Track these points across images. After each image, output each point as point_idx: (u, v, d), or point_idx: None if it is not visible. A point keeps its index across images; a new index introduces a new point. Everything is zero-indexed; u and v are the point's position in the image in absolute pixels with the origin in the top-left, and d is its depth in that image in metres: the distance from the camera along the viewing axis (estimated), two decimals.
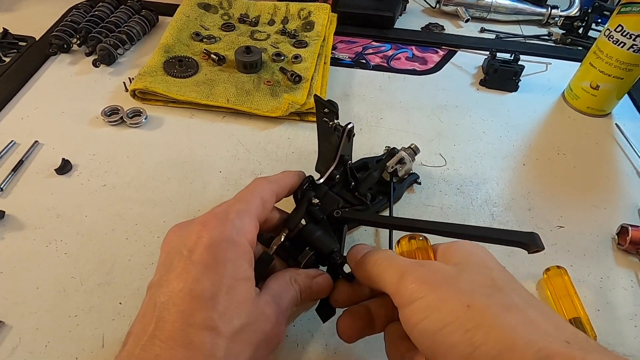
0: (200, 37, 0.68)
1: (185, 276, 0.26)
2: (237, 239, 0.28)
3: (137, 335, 0.26)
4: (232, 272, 0.27)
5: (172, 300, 0.26)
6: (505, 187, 0.53)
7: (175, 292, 0.26)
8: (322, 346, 0.38)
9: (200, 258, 0.27)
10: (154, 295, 0.27)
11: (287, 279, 0.32)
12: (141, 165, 0.52)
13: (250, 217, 0.30)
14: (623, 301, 0.43)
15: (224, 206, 0.31)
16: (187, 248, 0.28)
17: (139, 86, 0.57)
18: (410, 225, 0.38)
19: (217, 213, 0.30)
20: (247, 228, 0.29)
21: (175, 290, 0.26)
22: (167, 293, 0.26)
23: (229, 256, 0.27)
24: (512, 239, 0.34)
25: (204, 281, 0.26)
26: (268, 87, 0.60)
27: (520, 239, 0.34)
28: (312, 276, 0.34)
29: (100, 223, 0.46)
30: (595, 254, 0.47)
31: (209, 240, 0.27)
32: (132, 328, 0.27)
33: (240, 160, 0.53)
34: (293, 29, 0.72)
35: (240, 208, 0.30)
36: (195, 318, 0.25)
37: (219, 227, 0.28)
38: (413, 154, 0.49)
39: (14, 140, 0.53)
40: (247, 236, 0.29)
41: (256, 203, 0.32)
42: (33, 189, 0.48)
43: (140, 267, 0.42)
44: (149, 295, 0.28)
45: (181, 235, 0.29)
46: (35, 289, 0.40)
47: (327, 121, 0.41)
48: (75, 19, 0.67)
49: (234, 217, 0.29)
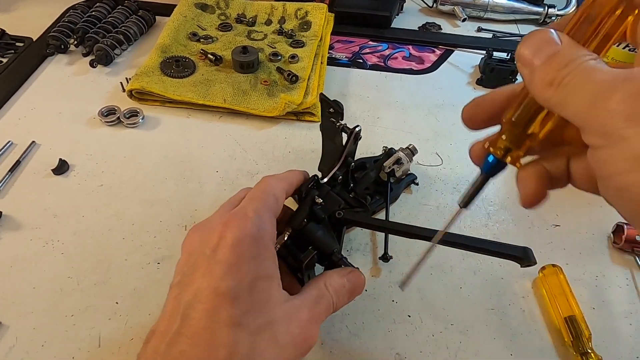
0: (197, 37, 0.68)
1: (210, 275, 0.27)
2: (259, 236, 0.28)
3: (162, 333, 0.26)
4: (256, 270, 0.27)
5: (198, 298, 0.26)
6: (501, 186, 0.53)
7: (201, 290, 0.26)
8: (318, 345, 0.38)
9: (224, 257, 0.27)
10: (178, 295, 0.27)
11: (322, 285, 0.32)
12: (138, 165, 0.52)
13: (268, 215, 0.30)
14: (618, 299, 0.43)
15: (241, 206, 0.31)
16: (210, 248, 0.28)
17: (136, 86, 0.57)
18: (408, 231, 0.38)
19: (237, 212, 0.30)
20: (267, 225, 0.30)
21: (201, 288, 0.26)
22: (192, 292, 0.27)
23: (253, 254, 0.28)
24: (506, 252, 0.35)
25: (228, 280, 0.26)
26: (265, 87, 0.60)
27: (514, 252, 0.35)
28: (343, 274, 0.34)
29: (97, 223, 0.46)
30: (591, 253, 0.47)
31: (232, 239, 0.28)
32: (156, 326, 0.28)
33: (237, 160, 0.53)
34: (290, 28, 0.72)
35: (257, 206, 0.30)
36: (220, 315, 0.25)
37: (240, 225, 0.28)
38: (411, 155, 0.50)
39: (11, 141, 0.53)
40: (268, 233, 0.29)
41: (270, 201, 0.32)
42: (30, 189, 0.48)
43: (136, 267, 0.42)
44: (173, 295, 0.28)
45: (203, 236, 0.30)
46: (32, 288, 0.40)
47: (333, 121, 0.41)
48: (73, 19, 0.68)
49: (252, 216, 0.29)
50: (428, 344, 0.39)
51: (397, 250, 0.45)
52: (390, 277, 0.43)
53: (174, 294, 0.28)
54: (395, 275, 0.44)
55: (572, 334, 0.38)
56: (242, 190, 0.36)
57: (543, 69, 0.20)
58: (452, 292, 0.43)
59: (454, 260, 0.45)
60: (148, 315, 0.39)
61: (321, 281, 0.32)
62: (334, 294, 0.32)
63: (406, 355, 0.38)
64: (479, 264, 0.45)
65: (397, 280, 0.43)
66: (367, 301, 0.41)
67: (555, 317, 0.41)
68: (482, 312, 0.42)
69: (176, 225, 0.46)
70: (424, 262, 0.32)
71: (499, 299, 0.43)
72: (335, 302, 0.32)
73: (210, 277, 0.27)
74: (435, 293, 0.43)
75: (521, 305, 0.42)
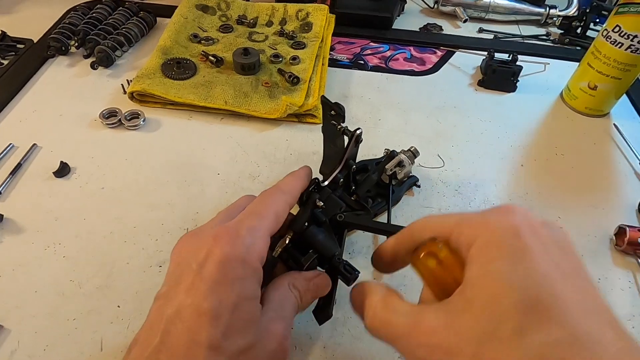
0: (198, 38, 0.68)
1: (193, 292, 0.26)
2: (248, 258, 0.28)
3: (142, 345, 0.26)
4: (240, 291, 0.27)
5: (179, 315, 0.26)
6: (503, 188, 0.53)
7: (183, 307, 0.26)
8: (321, 349, 0.38)
9: (210, 274, 0.27)
10: (161, 306, 0.27)
11: (286, 285, 0.32)
12: (139, 167, 0.52)
13: (262, 235, 0.30)
14: (621, 302, 0.43)
15: (237, 220, 0.30)
16: (197, 262, 0.27)
17: (137, 88, 0.57)
18: None
19: (229, 228, 0.29)
20: (258, 246, 0.29)
21: (184, 305, 0.26)
22: (174, 306, 0.26)
23: (239, 275, 0.27)
24: None
25: (212, 299, 0.26)
26: (266, 89, 0.60)
27: None
28: (309, 278, 0.34)
29: (98, 226, 0.46)
30: (593, 255, 0.47)
31: (219, 257, 0.27)
32: (138, 336, 0.27)
33: (238, 163, 0.53)
34: (291, 30, 0.72)
35: (253, 225, 0.30)
36: (200, 336, 0.25)
37: (230, 243, 0.28)
38: (413, 157, 0.49)
39: (12, 143, 0.53)
40: (258, 254, 0.29)
41: (270, 219, 0.31)
42: (31, 192, 0.48)
43: (139, 271, 0.42)
44: (157, 305, 0.28)
45: (192, 247, 0.29)
46: (34, 292, 0.40)
47: (334, 124, 0.41)
48: (73, 21, 0.67)
49: (245, 234, 0.29)
50: None
51: None
52: (392, 280, 0.43)
53: (158, 305, 0.28)
54: (398, 278, 0.44)
55: None
56: (243, 198, 0.35)
57: None
58: None
59: None
60: None
61: (285, 281, 0.32)
62: (298, 296, 0.32)
63: None
64: None
65: (399, 283, 0.43)
66: None
67: None
68: None
69: (178, 228, 0.46)
70: None
71: None
72: (299, 303, 0.32)
73: (194, 294, 0.26)
74: None
75: None
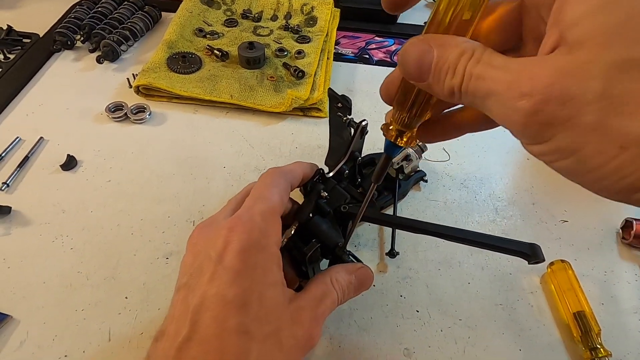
0: (203, 33, 0.68)
1: (217, 282, 0.27)
2: (265, 243, 0.28)
3: (172, 336, 0.26)
4: (262, 277, 0.27)
5: (206, 304, 0.26)
6: (509, 182, 0.53)
7: (208, 297, 0.26)
8: (327, 339, 0.38)
9: (231, 264, 0.27)
10: (186, 297, 0.27)
11: (328, 280, 0.32)
12: (145, 161, 0.52)
13: (274, 218, 0.30)
14: (627, 295, 0.43)
15: (247, 207, 0.30)
16: (216, 252, 0.28)
17: (143, 82, 0.57)
18: (414, 226, 0.38)
19: (242, 216, 0.29)
20: (273, 230, 0.29)
21: (208, 295, 0.26)
22: (199, 296, 0.27)
23: (259, 261, 0.28)
24: (513, 248, 0.35)
25: (236, 287, 0.26)
26: (271, 83, 0.60)
27: (521, 249, 0.35)
28: (352, 271, 0.34)
29: (105, 218, 0.46)
30: (600, 248, 0.47)
31: (238, 246, 0.27)
32: (164, 327, 0.28)
33: (244, 156, 0.54)
34: (296, 24, 0.72)
35: (263, 208, 0.30)
36: (228, 323, 0.26)
37: (247, 231, 0.28)
38: (420, 152, 0.49)
39: (19, 137, 0.53)
40: (274, 238, 0.29)
41: (276, 199, 0.31)
42: (39, 185, 0.49)
43: (145, 262, 0.43)
44: (181, 297, 0.28)
45: (208, 238, 0.29)
46: (42, 283, 0.41)
47: (340, 116, 0.41)
48: (79, 15, 0.68)
49: (259, 220, 0.29)
50: (436, 339, 0.39)
51: (405, 246, 0.45)
52: (398, 272, 0.43)
53: (181, 297, 0.28)
54: (403, 270, 0.44)
55: (581, 329, 0.38)
56: (249, 185, 0.35)
57: (436, 85, 0.21)
58: (460, 288, 0.43)
59: (461, 256, 0.45)
60: (157, 310, 0.39)
61: (327, 276, 0.32)
62: (340, 290, 0.32)
63: (415, 350, 0.38)
64: (486, 260, 0.45)
65: (404, 276, 0.43)
66: (375, 296, 0.42)
67: (564, 313, 0.41)
68: (491, 308, 0.41)
69: (184, 220, 0.46)
70: None
71: (507, 294, 0.43)
72: (340, 298, 0.32)
73: (218, 284, 0.27)
74: (443, 289, 0.43)
75: (530, 301, 0.42)
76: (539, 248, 0.35)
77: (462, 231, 0.37)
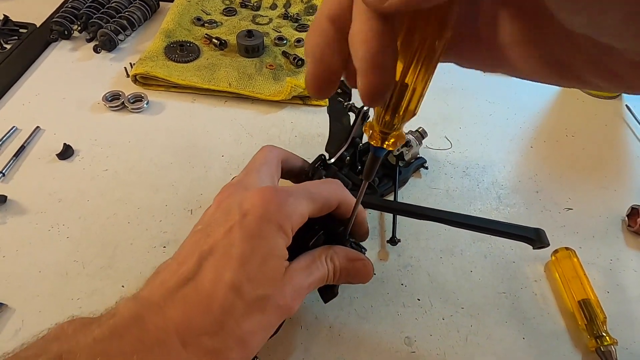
0: (201, 21, 0.67)
1: (231, 235, 0.28)
2: (284, 225, 0.29)
3: (174, 271, 0.28)
4: (272, 247, 0.28)
5: (212, 252, 0.28)
6: (512, 170, 0.52)
7: (218, 246, 0.28)
8: (327, 328, 0.38)
9: (249, 225, 0.28)
10: (199, 241, 0.29)
11: (322, 256, 0.32)
12: (143, 150, 0.51)
13: (303, 215, 0.30)
14: (633, 283, 0.42)
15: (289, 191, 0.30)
16: (241, 211, 0.29)
17: (140, 71, 0.57)
18: (416, 212, 0.37)
19: (280, 194, 0.30)
20: (295, 221, 0.30)
21: (219, 244, 0.28)
22: (211, 244, 0.28)
23: (272, 234, 0.28)
24: (518, 233, 0.34)
25: (245, 246, 0.27)
26: (270, 71, 0.59)
27: (526, 234, 0.34)
28: (352, 259, 0.33)
29: (102, 207, 0.45)
30: (605, 236, 0.46)
31: (261, 213, 0.28)
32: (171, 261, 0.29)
33: (242, 145, 0.53)
34: (295, 12, 0.71)
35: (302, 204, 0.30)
36: (225, 276, 0.27)
37: (275, 208, 0.29)
38: (420, 138, 0.48)
39: (15, 126, 0.52)
40: (292, 227, 0.30)
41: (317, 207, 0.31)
42: (35, 174, 0.48)
43: (143, 251, 0.42)
44: (195, 239, 0.29)
45: (238, 197, 0.30)
46: (37, 272, 0.40)
47: (341, 101, 0.40)
48: (76, 5, 0.67)
49: (289, 207, 0.29)
50: (438, 327, 0.38)
51: (406, 233, 0.45)
52: (399, 260, 0.43)
53: (195, 239, 0.29)
54: (404, 258, 0.43)
55: (587, 318, 0.38)
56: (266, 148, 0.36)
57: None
58: (462, 276, 0.42)
59: (463, 244, 0.44)
60: None
61: (323, 253, 0.32)
62: (331, 270, 0.32)
63: (416, 339, 0.38)
64: (489, 248, 0.44)
65: (405, 264, 0.42)
66: (375, 285, 0.41)
67: (569, 301, 0.40)
68: (493, 296, 0.41)
69: (182, 209, 0.46)
70: None
71: (510, 282, 0.42)
72: (330, 277, 0.32)
73: (230, 238, 0.28)
74: (445, 277, 0.42)
75: (533, 289, 0.41)
76: (543, 232, 0.34)
77: (465, 216, 0.36)
